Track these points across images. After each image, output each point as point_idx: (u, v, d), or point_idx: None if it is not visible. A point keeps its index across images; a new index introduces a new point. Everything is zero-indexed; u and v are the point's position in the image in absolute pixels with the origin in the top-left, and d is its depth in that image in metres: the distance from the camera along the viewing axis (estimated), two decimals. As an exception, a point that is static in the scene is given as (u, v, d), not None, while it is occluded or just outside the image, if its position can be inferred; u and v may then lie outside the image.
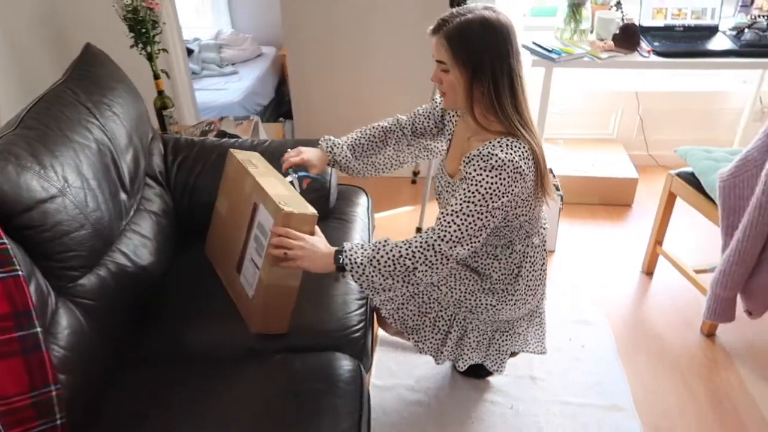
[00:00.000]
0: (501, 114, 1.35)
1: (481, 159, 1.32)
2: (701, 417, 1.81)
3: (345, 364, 1.40)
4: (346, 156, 1.61)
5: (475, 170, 1.32)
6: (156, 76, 2.28)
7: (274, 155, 1.85)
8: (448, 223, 1.31)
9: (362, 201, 2.03)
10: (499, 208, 1.33)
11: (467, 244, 1.33)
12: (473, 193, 1.30)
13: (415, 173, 3.14)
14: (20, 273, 1.13)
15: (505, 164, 1.30)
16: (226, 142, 1.99)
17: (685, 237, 2.62)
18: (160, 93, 2.34)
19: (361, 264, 1.32)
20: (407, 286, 1.35)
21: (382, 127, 1.69)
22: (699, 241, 2.61)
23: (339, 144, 1.61)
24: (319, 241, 1.35)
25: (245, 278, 1.46)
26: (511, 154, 1.31)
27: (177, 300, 1.61)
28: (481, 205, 1.30)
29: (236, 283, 1.51)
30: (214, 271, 1.66)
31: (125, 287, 1.51)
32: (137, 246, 1.62)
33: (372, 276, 1.33)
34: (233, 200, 1.60)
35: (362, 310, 1.59)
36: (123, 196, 1.62)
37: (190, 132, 2.43)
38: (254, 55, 4.50)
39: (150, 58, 2.22)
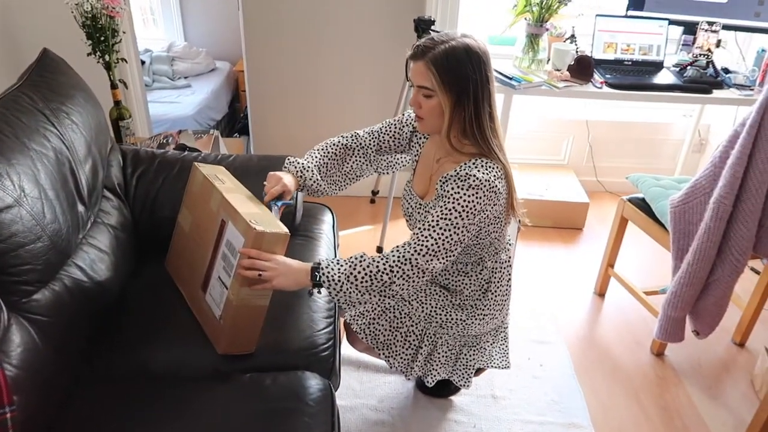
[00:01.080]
0: (480, 137, 1.38)
1: (459, 179, 1.35)
2: (654, 434, 1.88)
3: (315, 383, 1.38)
4: (315, 179, 1.56)
5: (452, 189, 1.34)
6: (114, 86, 2.21)
7: (238, 170, 1.82)
8: (426, 237, 1.33)
9: (327, 218, 2.01)
10: (473, 224, 1.36)
11: (443, 258, 1.35)
12: (450, 210, 1.33)
13: (374, 192, 3.15)
14: (-26, 286, 1.06)
15: (482, 184, 1.33)
16: (188, 155, 1.94)
17: (634, 260, 2.73)
18: (117, 103, 2.26)
19: (339, 281, 1.32)
20: (383, 299, 1.37)
21: (343, 144, 1.64)
22: (648, 263, 2.73)
23: (308, 167, 1.56)
24: (289, 259, 1.34)
25: (212, 297, 1.42)
26: (487, 174, 1.35)
27: (137, 317, 1.53)
28: (457, 221, 1.33)
29: (202, 303, 1.46)
30: (176, 290, 1.60)
31: (81, 303, 1.43)
32: (94, 260, 1.55)
33: (349, 292, 1.33)
34: (198, 216, 1.55)
35: (330, 328, 1.56)
36: (81, 207, 1.55)
37: (147, 144, 2.35)
38: (208, 69, 4.44)
39: (108, 67, 2.15)
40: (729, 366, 2.17)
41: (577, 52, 2.60)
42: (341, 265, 1.34)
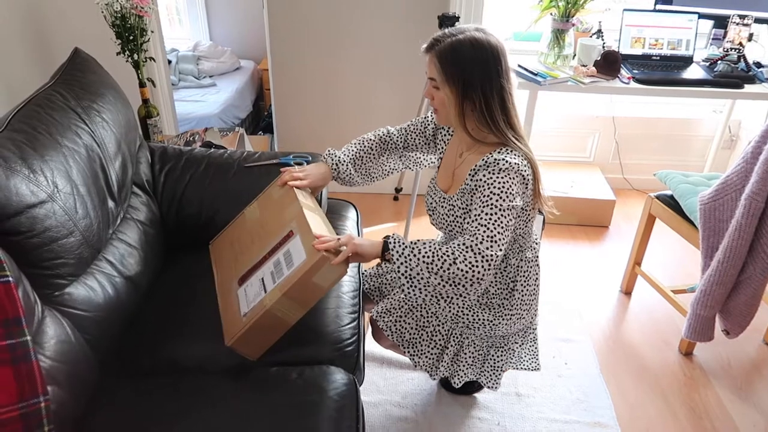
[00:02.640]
0: (494, 128, 1.40)
1: (488, 166, 1.37)
2: (682, 434, 1.85)
3: (340, 377, 1.38)
4: (349, 171, 1.63)
5: (484, 176, 1.36)
6: (142, 84, 2.25)
7: (264, 167, 1.85)
8: (476, 227, 1.34)
9: (351, 215, 2.02)
10: (514, 207, 1.36)
11: (500, 242, 1.33)
12: (488, 196, 1.34)
13: (398, 189, 3.15)
14: (10, 279, 1.09)
15: (512, 167, 1.35)
16: (214, 152, 1.96)
17: (661, 258, 2.69)
18: (145, 101, 2.30)
19: (403, 244, 1.35)
20: (444, 285, 1.32)
21: (378, 139, 1.70)
22: (675, 261, 2.69)
23: (343, 160, 1.62)
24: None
25: (245, 293, 1.43)
26: (515, 158, 1.36)
27: (165, 312, 1.56)
28: (500, 204, 1.34)
29: (231, 293, 1.48)
30: (205, 285, 1.61)
31: (111, 297, 1.46)
32: (124, 255, 1.58)
33: (410, 260, 1.33)
34: (267, 217, 1.57)
35: (354, 323, 1.57)
36: (111, 203, 1.58)
37: (174, 142, 2.38)
38: (233, 68, 4.49)
39: (137, 66, 2.19)
40: (760, 367, 2.12)
41: (603, 47, 2.56)
42: (406, 240, 1.38)
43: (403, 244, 1.35)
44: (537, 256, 1.61)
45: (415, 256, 1.33)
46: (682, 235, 2.11)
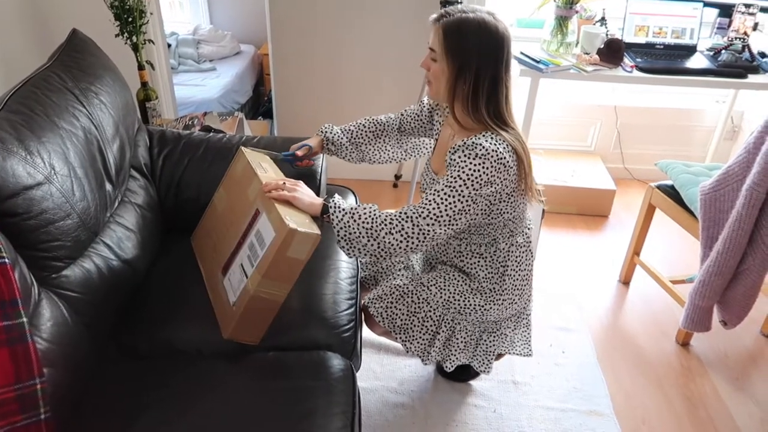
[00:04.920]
0: (474, 113, 1.39)
1: (466, 148, 1.35)
2: (678, 424, 1.85)
3: (336, 363, 1.39)
4: (339, 137, 1.70)
5: (459, 158, 1.35)
6: (141, 67, 2.23)
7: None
8: (429, 201, 1.35)
9: (350, 201, 2.01)
10: (481, 197, 1.36)
11: (445, 225, 1.35)
12: (455, 178, 1.34)
13: (397, 176, 3.14)
14: (7, 261, 1.09)
15: (489, 153, 1.33)
16: (213, 136, 1.95)
17: (661, 248, 2.69)
18: (144, 84, 2.28)
19: (343, 211, 1.36)
20: (381, 253, 1.36)
21: (375, 120, 1.75)
22: (674, 252, 2.69)
23: (335, 131, 1.71)
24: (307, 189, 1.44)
25: (230, 282, 1.42)
26: (495, 146, 1.34)
27: (162, 295, 1.56)
28: (462, 189, 1.33)
29: (218, 284, 1.47)
30: (200, 269, 1.62)
31: (109, 280, 1.46)
32: (121, 238, 1.57)
33: (349, 226, 1.35)
34: (233, 200, 1.55)
35: (352, 309, 1.57)
36: (108, 186, 1.57)
37: (173, 126, 2.37)
38: (233, 53, 4.45)
39: (136, 48, 2.17)
40: (756, 358, 2.13)
41: (607, 35, 2.54)
42: (349, 204, 1.41)
43: (343, 210, 1.37)
44: (529, 242, 1.60)
45: (355, 221, 1.35)
46: (682, 226, 2.10)
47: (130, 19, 2.10)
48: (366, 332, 1.80)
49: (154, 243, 1.73)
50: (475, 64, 1.35)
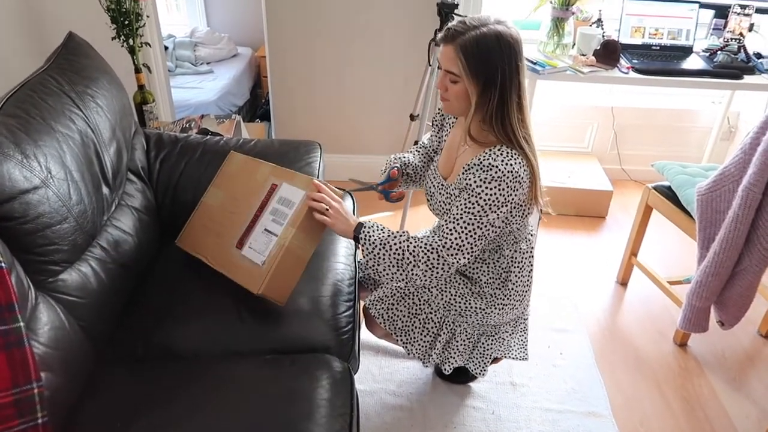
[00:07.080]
0: (501, 127, 1.35)
1: (482, 170, 1.34)
2: (676, 425, 1.85)
3: (335, 365, 1.38)
4: (412, 161, 1.71)
5: (475, 181, 1.34)
6: (137, 70, 2.22)
7: (260, 155, 1.82)
8: (450, 230, 1.35)
9: (347, 204, 2.00)
10: (498, 218, 1.36)
11: (467, 252, 1.37)
12: (473, 204, 1.34)
13: (394, 179, 3.13)
14: (3, 265, 1.08)
15: (504, 175, 1.32)
16: (210, 139, 1.95)
17: (658, 249, 2.69)
18: (141, 87, 2.28)
19: (374, 242, 1.38)
20: (407, 281, 1.41)
21: (421, 145, 1.76)
22: (671, 253, 2.69)
23: (406, 155, 1.72)
24: (348, 207, 1.47)
25: (252, 250, 1.49)
26: (510, 165, 1.33)
27: (159, 299, 1.56)
28: (480, 216, 1.34)
29: (235, 258, 1.52)
30: (199, 272, 1.61)
31: (106, 284, 1.45)
32: (118, 242, 1.57)
33: (379, 257, 1.39)
34: (235, 190, 1.65)
35: (350, 312, 1.57)
36: (105, 190, 1.57)
37: (170, 129, 2.37)
38: (230, 55, 4.45)
39: (132, 51, 2.17)
40: (754, 358, 2.13)
41: (603, 36, 2.55)
42: (383, 232, 1.41)
43: (374, 242, 1.39)
44: (532, 248, 1.60)
45: (386, 252, 1.38)
46: (679, 226, 2.11)
47: (126, 22, 2.10)
48: (364, 334, 1.80)
49: (151, 246, 1.72)
50: (500, 79, 1.31)
